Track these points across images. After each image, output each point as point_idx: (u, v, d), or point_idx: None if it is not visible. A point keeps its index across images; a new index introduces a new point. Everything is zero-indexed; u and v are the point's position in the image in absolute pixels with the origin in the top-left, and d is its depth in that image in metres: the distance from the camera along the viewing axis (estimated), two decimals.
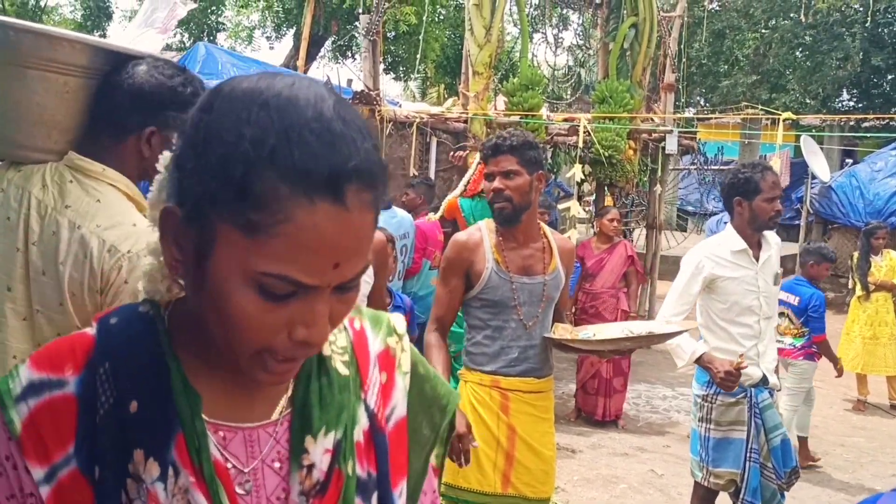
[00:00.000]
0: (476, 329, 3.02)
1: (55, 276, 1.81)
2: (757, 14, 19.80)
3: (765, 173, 3.55)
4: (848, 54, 18.53)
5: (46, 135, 1.87)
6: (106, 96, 1.87)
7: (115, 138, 1.89)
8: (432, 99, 17.49)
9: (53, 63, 1.81)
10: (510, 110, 7.40)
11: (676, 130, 9.01)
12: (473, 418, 2.94)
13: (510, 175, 2.92)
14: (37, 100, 1.83)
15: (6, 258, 1.85)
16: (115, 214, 1.84)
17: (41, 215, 1.84)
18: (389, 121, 6.40)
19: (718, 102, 20.12)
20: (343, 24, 16.19)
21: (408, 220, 5.44)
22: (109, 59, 1.89)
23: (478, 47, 7.07)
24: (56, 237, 1.81)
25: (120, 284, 1.80)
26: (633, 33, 8.90)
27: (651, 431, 6.52)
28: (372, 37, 6.49)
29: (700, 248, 3.76)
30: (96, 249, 1.79)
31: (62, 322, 1.84)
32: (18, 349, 1.86)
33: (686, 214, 20.32)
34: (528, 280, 2.98)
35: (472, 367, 3.02)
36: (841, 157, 18.47)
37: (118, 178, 1.89)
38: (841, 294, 12.82)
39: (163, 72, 1.90)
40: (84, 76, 1.87)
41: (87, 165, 1.87)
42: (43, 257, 1.83)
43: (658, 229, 9.75)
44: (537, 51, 9.76)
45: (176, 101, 1.90)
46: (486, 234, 3.00)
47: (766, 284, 3.62)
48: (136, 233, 1.83)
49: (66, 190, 1.85)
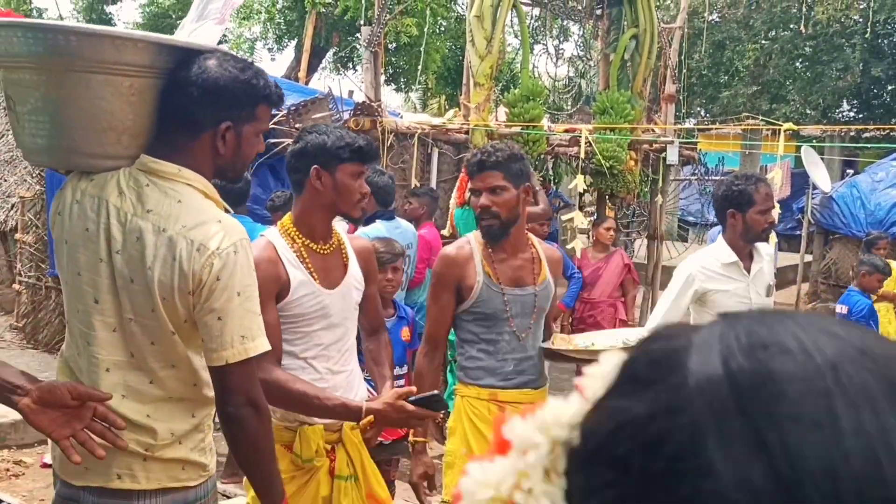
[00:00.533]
0: (469, 343, 2.99)
1: (144, 283, 1.78)
2: (757, 25, 19.85)
3: (758, 185, 3.54)
4: (848, 65, 18.56)
5: (116, 140, 1.82)
6: (177, 94, 1.83)
7: (189, 136, 1.85)
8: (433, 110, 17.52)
9: (118, 65, 1.76)
10: (511, 121, 7.42)
11: (677, 141, 9.02)
12: (472, 433, 2.93)
13: (497, 191, 2.88)
14: (104, 105, 1.77)
15: (90, 270, 1.82)
16: (199, 213, 1.81)
17: (121, 223, 1.80)
18: (391, 132, 6.41)
19: (719, 113, 20.15)
20: (344, 36, 16.24)
21: (410, 231, 5.45)
22: (174, 55, 1.84)
23: (479, 58, 7.09)
24: (141, 243, 1.77)
25: (212, 283, 1.77)
26: (633, 44, 8.92)
27: None
28: (373, 48, 6.51)
29: (691, 261, 3.73)
30: (185, 250, 1.76)
31: (156, 328, 1.81)
32: (111, 361, 1.82)
33: (687, 225, 20.32)
34: (519, 292, 2.97)
35: (469, 381, 2.99)
36: (842, 168, 18.49)
37: (194, 177, 1.85)
38: None
39: (234, 65, 1.85)
40: (150, 76, 1.82)
41: (162, 167, 1.83)
42: (129, 265, 1.79)
43: (659, 240, 9.74)
44: (538, 62, 9.78)
45: (250, 94, 1.87)
46: (475, 246, 2.98)
47: (758, 296, 3.60)
48: (222, 230, 1.80)
49: (144, 194, 1.81)
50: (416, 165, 6.69)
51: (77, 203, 1.84)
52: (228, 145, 1.88)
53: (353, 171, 2.48)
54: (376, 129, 6.29)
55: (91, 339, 1.82)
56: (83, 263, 1.82)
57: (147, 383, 1.85)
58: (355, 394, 2.63)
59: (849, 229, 12.91)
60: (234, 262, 1.79)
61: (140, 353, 1.83)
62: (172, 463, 1.88)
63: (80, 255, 1.83)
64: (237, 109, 1.87)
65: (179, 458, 1.89)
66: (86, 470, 1.84)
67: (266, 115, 1.97)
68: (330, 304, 2.52)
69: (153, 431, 1.84)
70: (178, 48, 1.86)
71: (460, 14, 17.19)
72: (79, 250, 1.83)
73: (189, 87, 1.81)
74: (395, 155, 6.55)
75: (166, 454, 1.87)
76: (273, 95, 1.94)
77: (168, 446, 1.87)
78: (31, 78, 1.77)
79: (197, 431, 1.93)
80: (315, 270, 2.50)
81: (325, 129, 2.52)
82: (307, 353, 2.52)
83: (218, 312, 1.79)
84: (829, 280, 12.90)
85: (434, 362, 3.01)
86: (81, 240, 1.83)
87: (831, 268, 13.12)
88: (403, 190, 6.57)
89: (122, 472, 1.84)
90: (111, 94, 1.77)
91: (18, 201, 8.28)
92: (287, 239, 2.51)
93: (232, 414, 1.85)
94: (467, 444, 2.94)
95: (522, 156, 2.98)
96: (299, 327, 2.50)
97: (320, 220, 2.54)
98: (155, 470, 1.85)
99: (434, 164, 6.88)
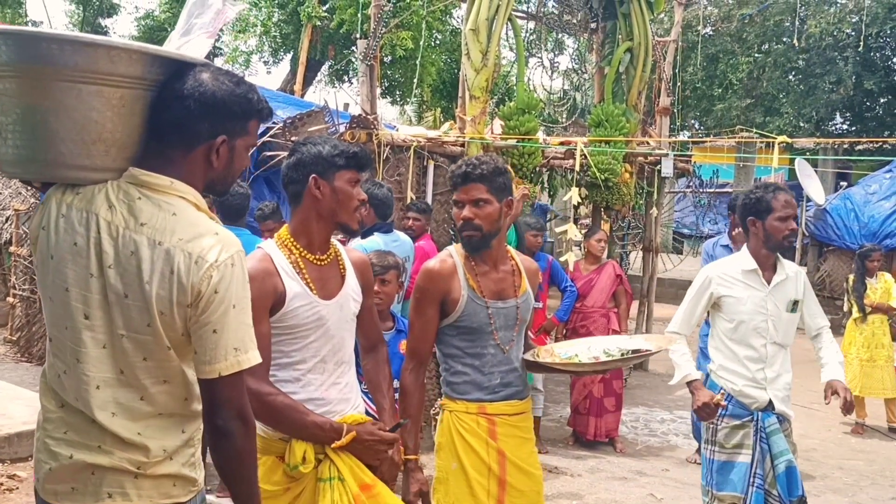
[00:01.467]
0: (453, 358, 2.99)
1: (141, 297, 1.75)
2: (750, 39, 19.98)
3: (776, 193, 3.57)
4: (841, 78, 18.68)
5: (104, 152, 1.78)
6: (172, 107, 1.80)
7: (182, 149, 1.84)
8: (428, 123, 17.56)
9: (111, 76, 1.73)
10: (507, 134, 7.44)
11: (672, 154, 9.05)
12: (462, 447, 2.93)
13: (479, 203, 2.88)
14: (94, 116, 1.74)
15: (79, 286, 1.78)
16: (195, 226, 1.79)
17: (113, 237, 1.77)
18: (387, 144, 6.42)
19: (713, 126, 20.25)
20: (340, 49, 16.29)
21: (408, 244, 5.46)
22: (165, 67, 1.81)
23: (474, 72, 7.12)
24: (136, 257, 1.75)
25: (210, 295, 1.76)
26: (628, 58, 8.97)
27: (649, 455, 6.49)
28: (369, 61, 6.52)
29: (710, 266, 3.82)
30: (183, 263, 1.74)
31: (150, 343, 1.79)
32: (101, 378, 1.79)
33: (682, 237, 20.39)
34: (502, 304, 2.97)
35: (456, 396, 2.98)
36: (835, 180, 18.58)
37: (187, 189, 1.84)
38: (837, 316, 12.83)
39: (229, 80, 1.85)
40: (141, 87, 1.79)
41: (154, 180, 1.81)
42: (123, 279, 1.76)
43: (654, 252, 9.77)
44: (533, 75, 9.80)
45: (245, 108, 1.87)
46: (458, 259, 2.98)
47: (776, 308, 3.61)
48: (219, 242, 1.79)
49: (136, 207, 1.78)
50: (411, 178, 6.70)
51: (63, 217, 1.80)
52: (221, 159, 1.87)
53: (350, 177, 2.52)
54: (372, 141, 6.30)
55: (81, 355, 1.79)
56: (71, 279, 1.78)
57: (138, 400, 1.82)
58: (353, 407, 2.62)
59: (843, 241, 12.96)
60: (231, 275, 1.78)
61: (130, 369, 1.80)
62: (164, 479, 1.85)
63: (69, 271, 1.78)
64: (232, 123, 1.86)
65: (171, 474, 1.86)
66: (72, 490, 1.81)
67: (256, 129, 1.97)
68: (326, 315, 2.52)
69: (146, 449, 1.81)
70: (170, 60, 1.84)
71: (456, 27, 17.27)
72: (66, 265, 1.78)
73: (186, 101, 1.79)
74: (390, 168, 6.56)
75: (158, 471, 1.83)
76: (265, 110, 1.95)
77: (160, 463, 1.84)
78: (14, 87, 1.72)
79: (187, 447, 1.90)
80: (311, 281, 2.50)
81: (319, 140, 2.54)
82: (303, 365, 2.52)
83: (214, 325, 1.77)
84: (824, 292, 12.93)
85: (419, 378, 3.00)
86: (69, 255, 1.79)
87: (825, 280, 13.16)
88: (399, 203, 6.58)
89: (113, 490, 1.80)
90: (102, 104, 1.74)
91: (13, 214, 8.27)
92: (284, 250, 2.52)
93: (221, 427, 1.84)
94: (458, 459, 2.93)
95: (506, 169, 2.99)
96: (295, 338, 2.49)
97: (318, 231, 2.55)
98: (146, 487, 1.82)
99: (430, 177, 6.89)
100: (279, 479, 2.48)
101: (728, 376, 3.61)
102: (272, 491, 2.46)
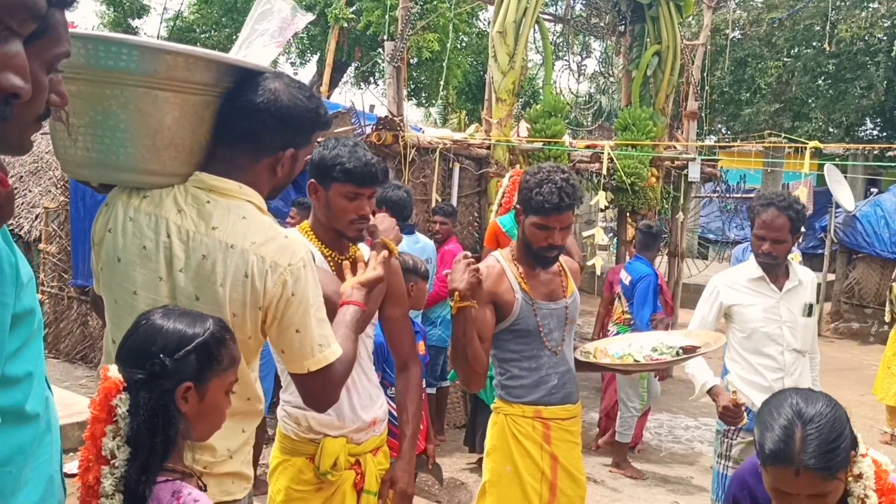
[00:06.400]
0: (510, 362, 2.98)
1: (214, 300, 1.78)
2: (779, 43, 19.76)
3: (761, 210, 3.49)
4: (872, 83, 18.43)
5: (174, 157, 1.81)
6: (247, 117, 1.82)
7: (252, 157, 1.86)
8: (453, 125, 17.56)
9: (187, 84, 1.76)
10: (533, 137, 7.41)
11: (699, 158, 8.98)
12: (517, 450, 2.92)
13: (569, 227, 2.91)
14: (168, 122, 1.76)
15: (149, 289, 1.80)
16: (266, 230, 1.82)
17: (184, 241, 1.79)
18: (413, 146, 6.42)
19: (740, 130, 20.06)
20: (366, 51, 16.34)
21: (430, 247, 5.45)
22: (235, 75, 1.84)
23: (501, 74, 7.11)
24: (208, 260, 1.77)
25: (288, 298, 1.79)
26: (656, 61, 8.91)
27: (674, 461, 6.43)
28: (396, 63, 6.53)
29: (718, 276, 3.80)
30: (256, 266, 1.77)
31: None
32: None
33: (707, 242, 20.20)
34: (554, 306, 2.98)
35: (512, 399, 2.96)
36: (865, 186, 18.31)
37: (253, 194, 1.87)
38: (866, 325, 12.65)
39: (301, 93, 1.87)
40: (211, 95, 1.82)
41: (223, 184, 1.83)
42: (196, 282, 1.78)
43: (680, 257, 9.69)
44: (560, 78, 9.78)
45: (314, 122, 1.90)
46: (505, 264, 2.98)
47: (790, 314, 3.55)
48: (290, 245, 1.82)
49: (205, 212, 1.80)
50: (437, 180, 6.69)
51: (131, 220, 1.81)
52: (285, 168, 1.91)
53: (346, 192, 2.38)
54: (398, 143, 6.30)
55: None
56: (140, 282, 1.80)
57: None
58: (378, 406, 2.61)
59: (872, 248, 12.76)
60: (304, 277, 1.83)
61: None
62: (225, 477, 1.89)
63: (137, 274, 1.81)
64: (301, 137, 1.90)
65: (231, 472, 1.91)
66: None
67: (316, 139, 2.01)
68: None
69: (213, 449, 1.84)
70: (240, 68, 1.87)
71: (482, 30, 17.27)
72: (135, 269, 1.81)
73: (262, 114, 1.81)
74: (416, 170, 6.56)
75: (221, 469, 1.88)
76: (329, 123, 2.00)
77: (223, 462, 1.88)
78: (89, 91, 1.73)
79: (246, 445, 1.95)
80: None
81: (333, 144, 2.44)
82: None
83: (296, 325, 1.83)
84: (853, 300, 12.75)
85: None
86: (138, 258, 1.80)
87: (854, 287, 12.98)
88: (424, 205, 6.58)
89: None
90: (177, 111, 1.77)
91: (42, 212, 8.37)
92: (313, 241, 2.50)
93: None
94: (512, 463, 2.92)
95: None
96: None
97: (324, 230, 2.50)
98: (210, 486, 1.84)
99: (455, 179, 6.88)
100: (310, 478, 2.50)
101: (746, 388, 3.54)
102: (302, 491, 2.48)
